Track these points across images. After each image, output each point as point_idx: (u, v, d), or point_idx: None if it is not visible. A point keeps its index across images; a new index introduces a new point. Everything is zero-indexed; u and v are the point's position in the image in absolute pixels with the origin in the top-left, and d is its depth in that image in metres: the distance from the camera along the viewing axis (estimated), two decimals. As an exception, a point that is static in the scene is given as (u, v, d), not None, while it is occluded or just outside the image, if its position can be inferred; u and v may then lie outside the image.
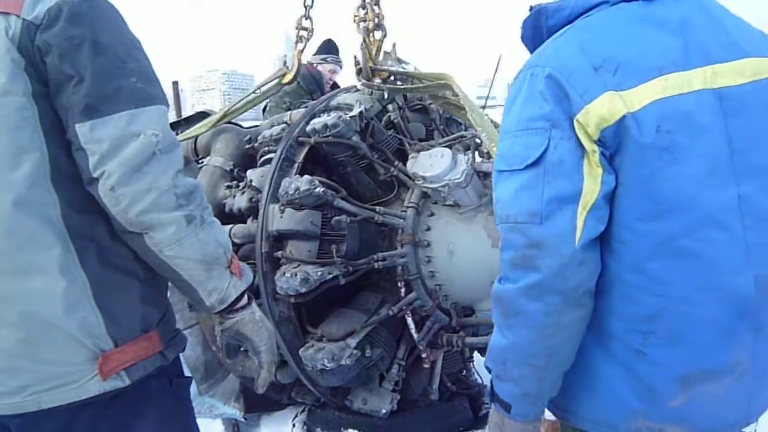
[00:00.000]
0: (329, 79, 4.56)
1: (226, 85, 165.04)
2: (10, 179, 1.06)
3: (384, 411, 2.37)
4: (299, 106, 3.46)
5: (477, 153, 2.38)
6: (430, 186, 2.21)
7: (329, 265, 2.18)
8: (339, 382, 2.30)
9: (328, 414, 2.50)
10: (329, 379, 2.28)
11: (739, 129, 1.02)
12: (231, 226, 2.48)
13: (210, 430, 2.68)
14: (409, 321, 2.36)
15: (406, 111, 2.75)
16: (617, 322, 1.09)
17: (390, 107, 2.65)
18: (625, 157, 1.01)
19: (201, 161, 2.91)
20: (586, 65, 1.02)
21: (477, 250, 2.27)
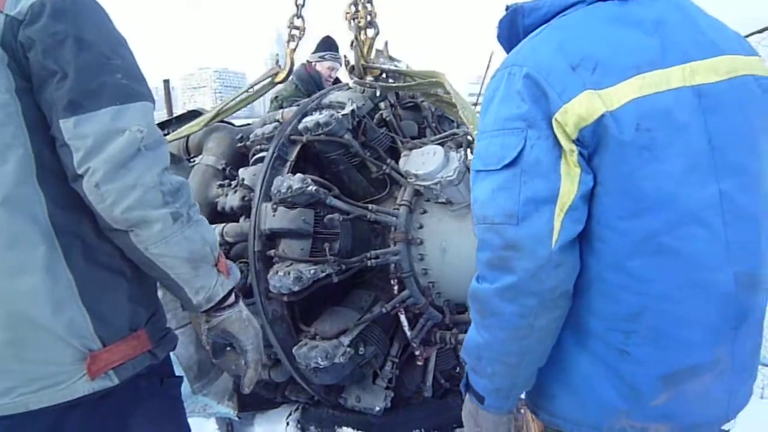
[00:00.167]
0: (329, 77, 4.46)
1: (217, 83, 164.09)
2: None
3: (378, 408, 2.37)
4: (292, 104, 3.44)
5: (469, 150, 2.38)
6: (422, 184, 2.20)
7: (322, 264, 2.18)
8: (333, 380, 2.31)
9: (321, 412, 2.50)
10: (323, 377, 2.28)
11: (718, 126, 1.02)
12: (223, 225, 2.47)
13: (204, 429, 2.68)
14: (403, 318, 2.37)
15: (398, 109, 2.74)
16: (597, 320, 1.08)
17: (382, 105, 2.64)
18: (605, 156, 1.00)
19: (193, 160, 2.90)
20: (563, 64, 1.01)
21: (469, 247, 2.26)
